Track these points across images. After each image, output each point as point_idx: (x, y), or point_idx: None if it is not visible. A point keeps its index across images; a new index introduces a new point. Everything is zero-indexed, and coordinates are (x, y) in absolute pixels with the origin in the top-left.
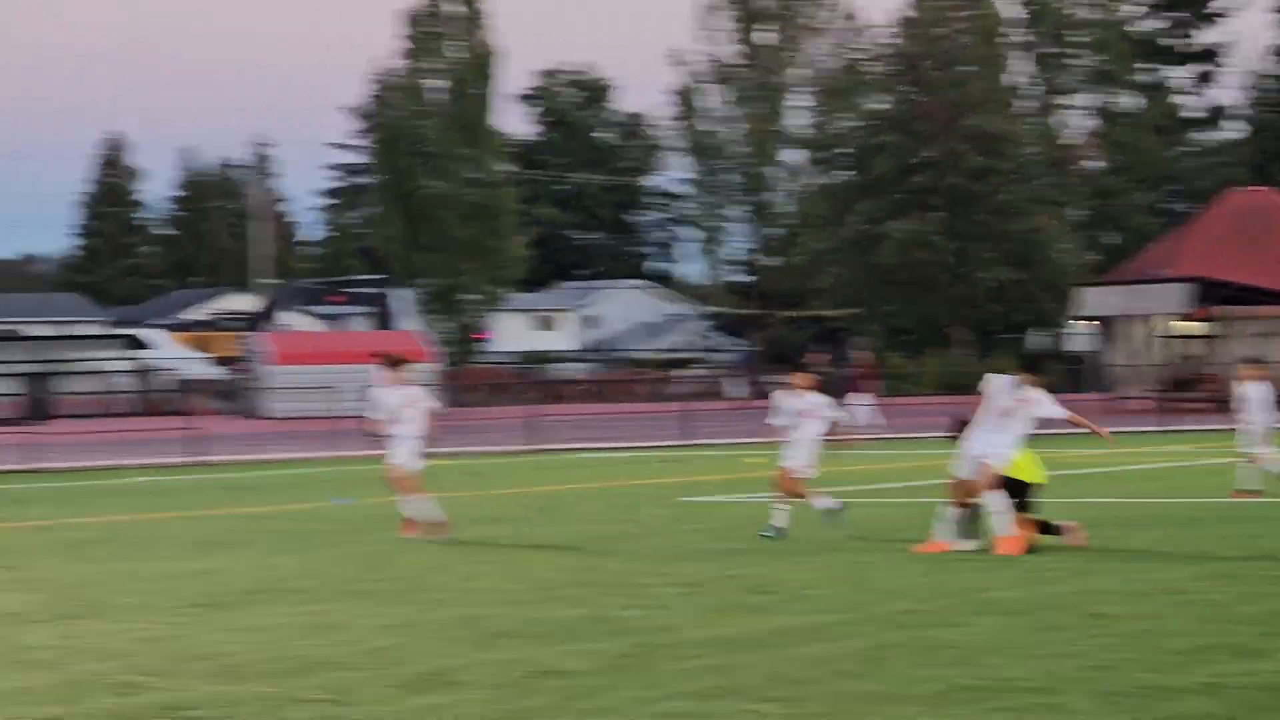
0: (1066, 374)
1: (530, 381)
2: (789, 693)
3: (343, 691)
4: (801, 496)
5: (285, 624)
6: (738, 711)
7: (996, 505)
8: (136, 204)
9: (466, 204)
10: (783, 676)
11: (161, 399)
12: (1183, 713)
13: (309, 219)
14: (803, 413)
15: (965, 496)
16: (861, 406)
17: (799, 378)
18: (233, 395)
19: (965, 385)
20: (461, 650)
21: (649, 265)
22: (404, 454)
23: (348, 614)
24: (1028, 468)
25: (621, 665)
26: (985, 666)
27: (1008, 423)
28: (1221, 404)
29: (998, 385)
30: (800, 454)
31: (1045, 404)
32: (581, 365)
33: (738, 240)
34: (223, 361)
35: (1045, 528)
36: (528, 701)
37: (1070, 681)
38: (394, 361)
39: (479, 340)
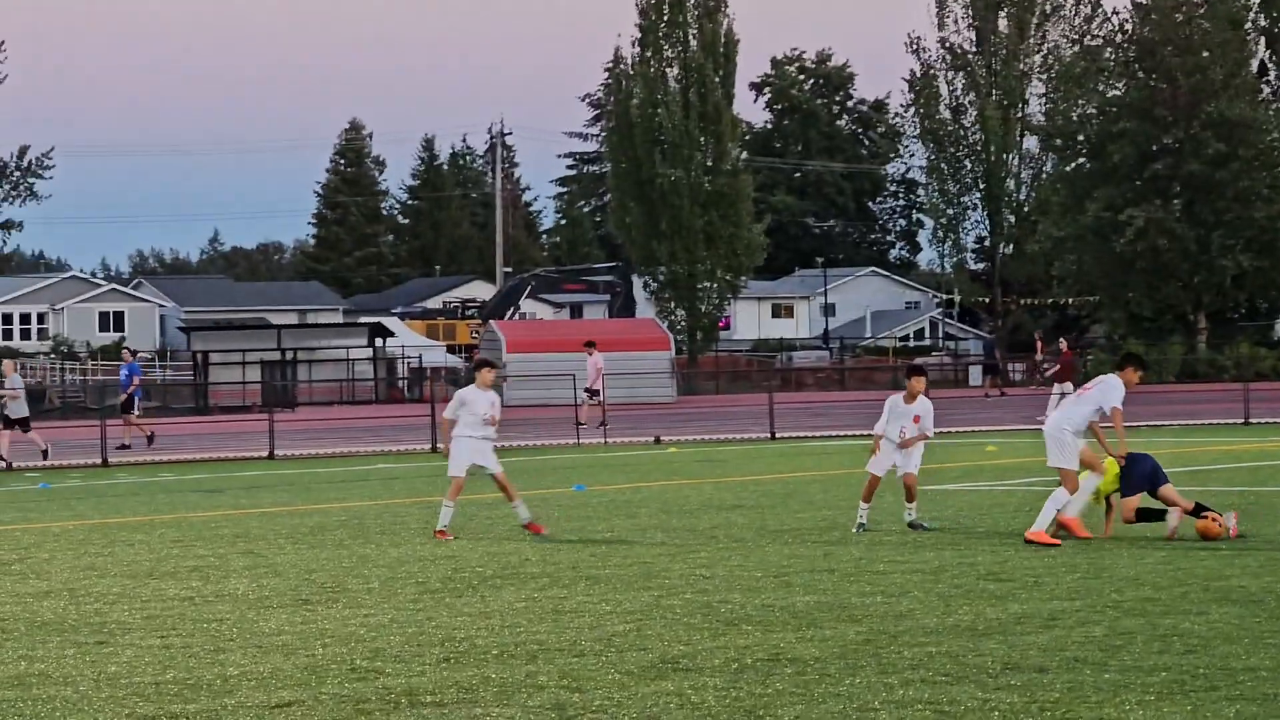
0: None
1: (768, 369)
2: (1025, 680)
3: (579, 677)
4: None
5: (522, 609)
6: (974, 698)
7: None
8: (377, 192)
9: (704, 192)
10: (1019, 664)
11: (401, 387)
12: None
13: (547, 207)
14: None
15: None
16: (1057, 396)
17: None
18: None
19: (1205, 374)
20: (698, 637)
21: (887, 253)
22: None
23: (585, 599)
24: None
25: (858, 652)
26: (1222, 656)
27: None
28: None
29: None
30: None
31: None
32: (819, 352)
33: (975, 228)
34: (461, 350)
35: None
36: (764, 688)
37: None
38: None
39: (717, 328)
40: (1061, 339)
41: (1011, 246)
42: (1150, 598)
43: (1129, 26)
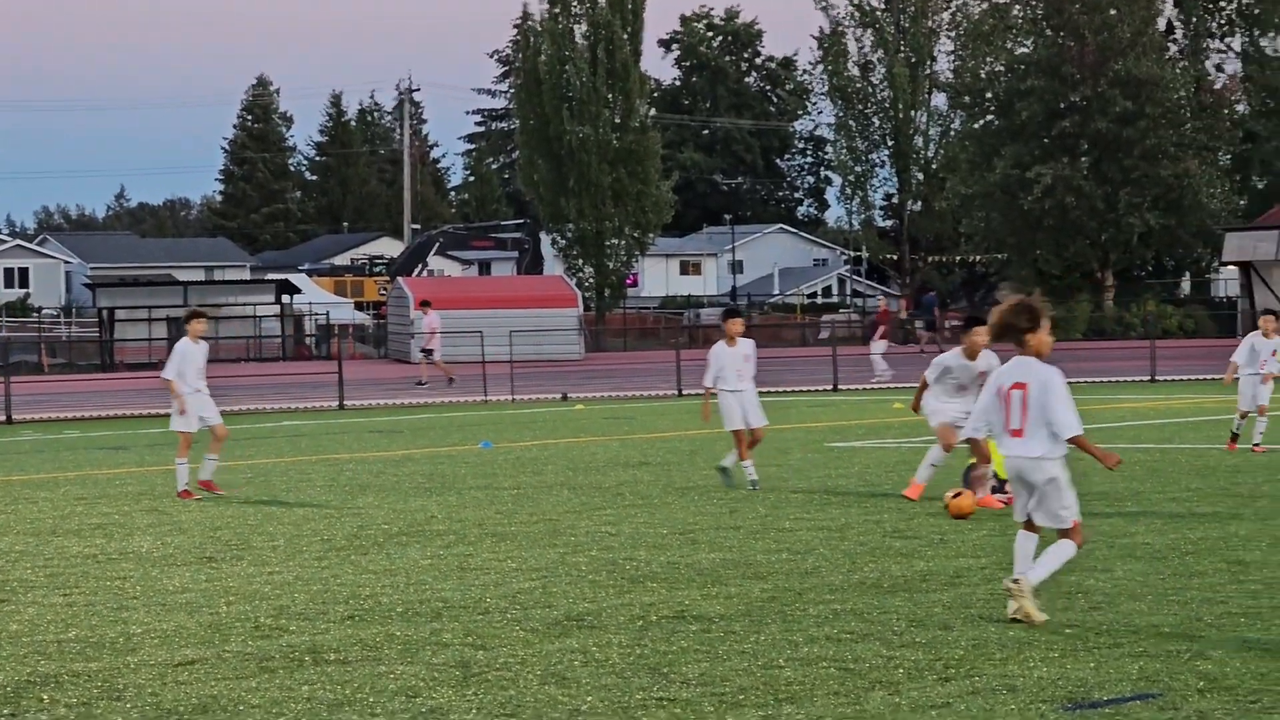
0: (1214, 320)
1: (676, 326)
2: (930, 637)
3: (484, 635)
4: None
5: (428, 566)
6: (879, 655)
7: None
8: (284, 149)
9: (612, 149)
10: (924, 621)
11: (309, 344)
12: None
13: (455, 164)
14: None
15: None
16: (879, 355)
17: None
18: (378, 340)
19: (1112, 332)
20: (603, 594)
21: (795, 210)
22: None
23: (490, 557)
24: None
25: (764, 609)
26: (1125, 612)
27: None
28: None
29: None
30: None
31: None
32: None
33: (884, 185)
34: (369, 307)
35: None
36: (669, 645)
37: (1211, 628)
38: None
39: (625, 285)
40: (881, 298)
41: (919, 204)
42: None
43: None
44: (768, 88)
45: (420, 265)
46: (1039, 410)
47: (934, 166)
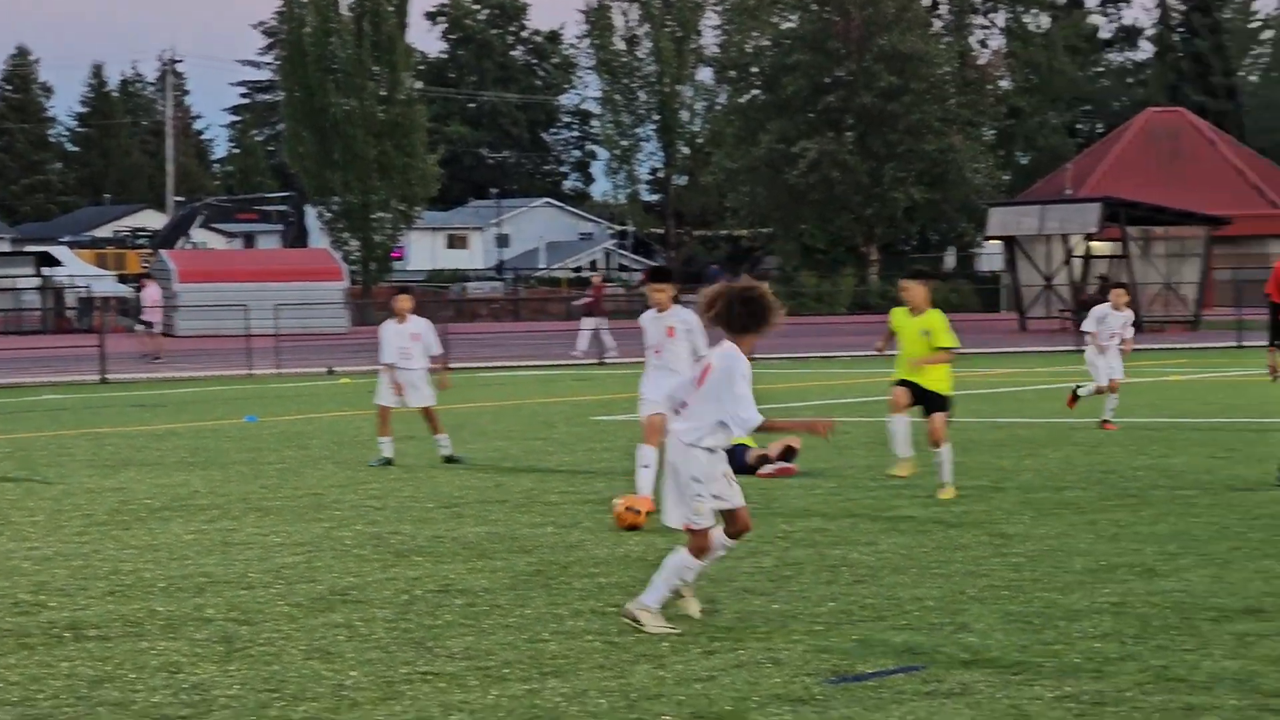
0: (979, 294)
1: (442, 299)
2: (695, 609)
3: (247, 610)
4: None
5: (191, 541)
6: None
7: None
8: (44, 119)
9: (377, 122)
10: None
11: (70, 317)
12: (1086, 632)
13: (220, 136)
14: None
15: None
16: (588, 331)
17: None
18: (140, 313)
19: (877, 306)
20: (368, 568)
21: (561, 184)
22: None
23: (254, 532)
24: None
25: (528, 582)
26: (889, 585)
27: None
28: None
29: None
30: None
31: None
32: (493, 283)
33: (650, 159)
34: (132, 279)
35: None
36: (434, 619)
37: (974, 601)
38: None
39: (391, 258)
40: (594, 274)
41: (685, 178)
42: (820, 528)
43: None
44: (534, 61)
45: (183, 237)
46: (710, 392)
47: (700, 141)
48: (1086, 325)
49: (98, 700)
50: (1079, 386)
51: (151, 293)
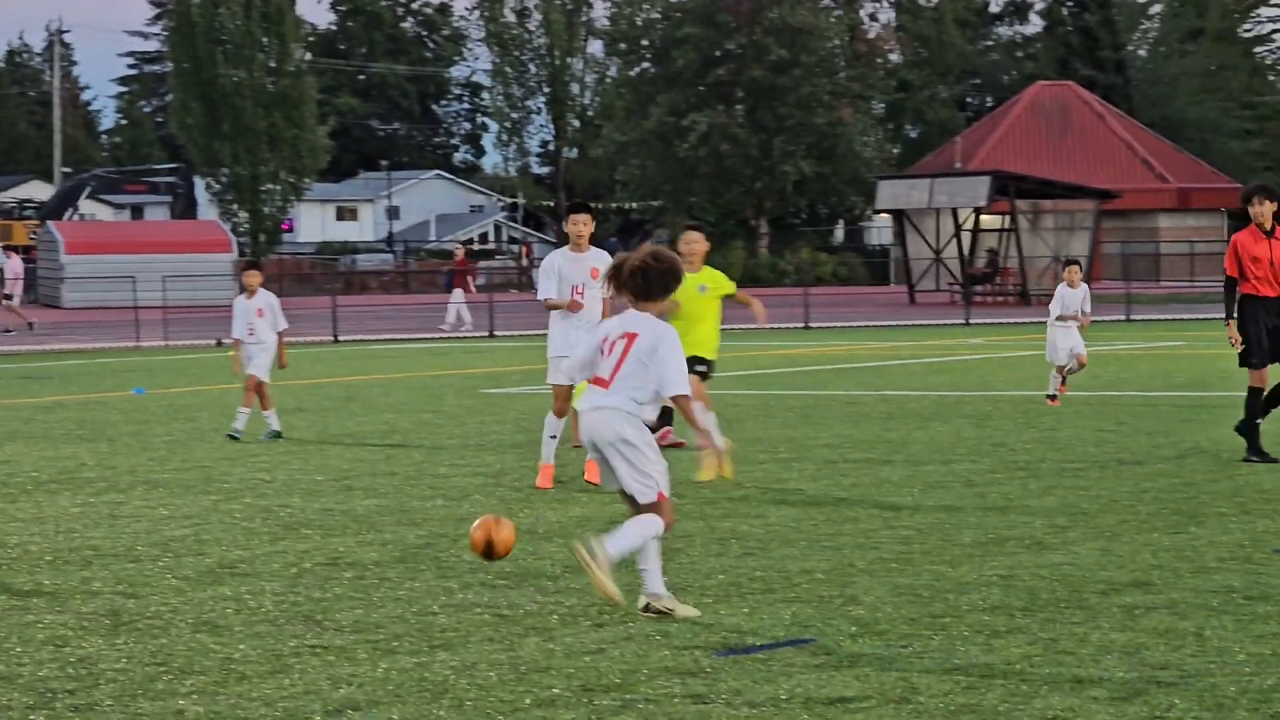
0: (868, 267)
1: (332, 272)
2: (584, 583)
3: (135, 583)
4: None
5: (78, 514)
6: (534, 601)
7: None
8: None
9: (266, 93)
10: (578, 567)
11: None
12: (975, 605)
13: (107, 107)
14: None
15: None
16: (459, 304)
17: None
18: (27, 285)
19: (766, 279)
20: (257, 541)
21: (451, 156)
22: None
23: (142, 504)
24: None
25: (419, 556)
26: (779, 558)
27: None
28: (1020, 297)
29: None
30: None
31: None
32: (384, 256)
33: (540, 132)
34: (18, 251)
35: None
36: (323, 592)
37: (863, 574)
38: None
39: (280, 230)
40: (458, 246)
41: (576, 151)
42: (710, 499)
43: None
44: (424, 33)
45: (71, 209)
46: (637, 363)
47: (590, 114)
48: (1053, 308)
49: None
50: (1051, 386)
51: (13, 265)
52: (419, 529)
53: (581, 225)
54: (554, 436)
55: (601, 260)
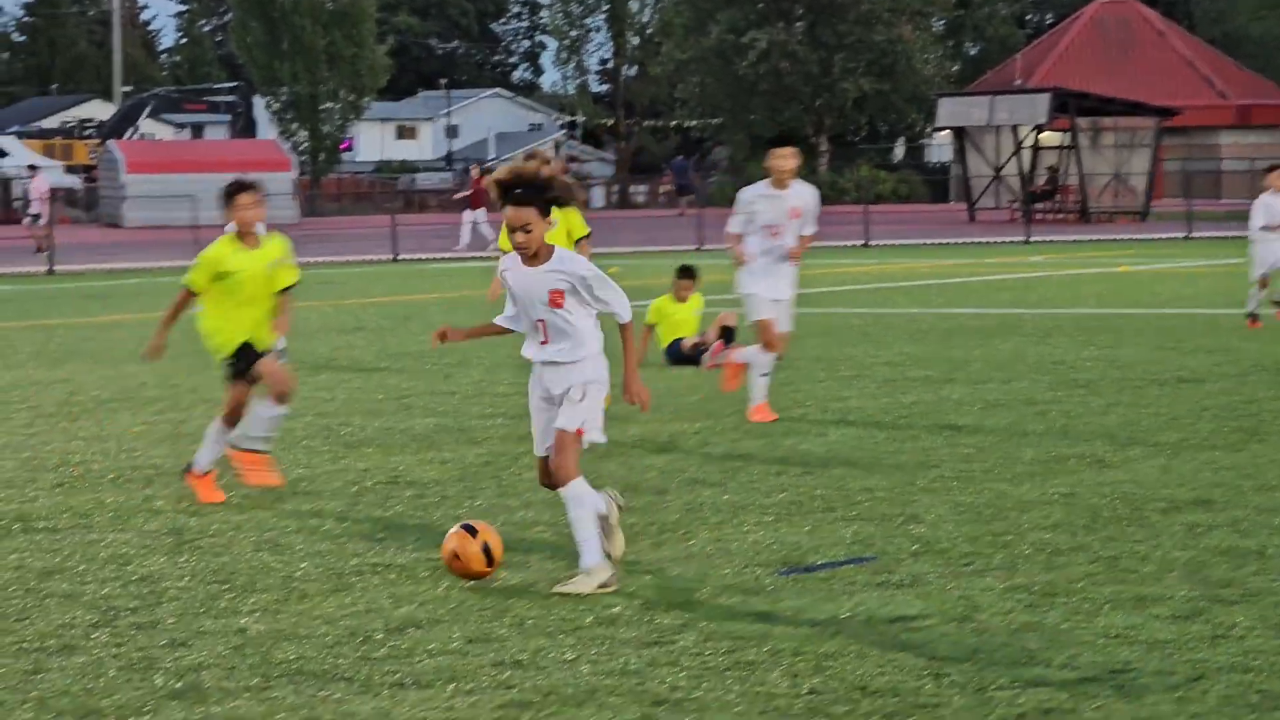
0: (928, 185)
1: (391, 190)
2: (645, 502)
3: (196, 502)
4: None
5: (140, 433)
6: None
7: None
8: None
9: (325, 11)
10: (638, 485)
11: (17, 208)
12: (1036, 523)
13: (168, 26)
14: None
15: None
16: (480, 224)
17: None
18: (89, 204)
19: (826, 197)
20: (319, 460)
21: (510, 74)
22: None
23: (203, 423)
24: None
25: (479, 474)
26: (839, 477)
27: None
28: (1080, 214)
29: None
30: None
31: None
32: (443, 174)
33: (599, 50)
34: (79, 170)
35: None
36: (384, 510)
37: (924, 492)
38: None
39: (340, 149)
40: (474, 165)
41: (635, 69)
42: (763, 426)
43: None
44: None
45: (131, 128)
46: (578, 303)
47: (649, 31)
48: (1255, 217)
49: (46, 592)
50: (1251, 304)
51: (39, 184)
52: (479, 448)
53: (786, 159)
54: (765, 375)
55: (804, 199)
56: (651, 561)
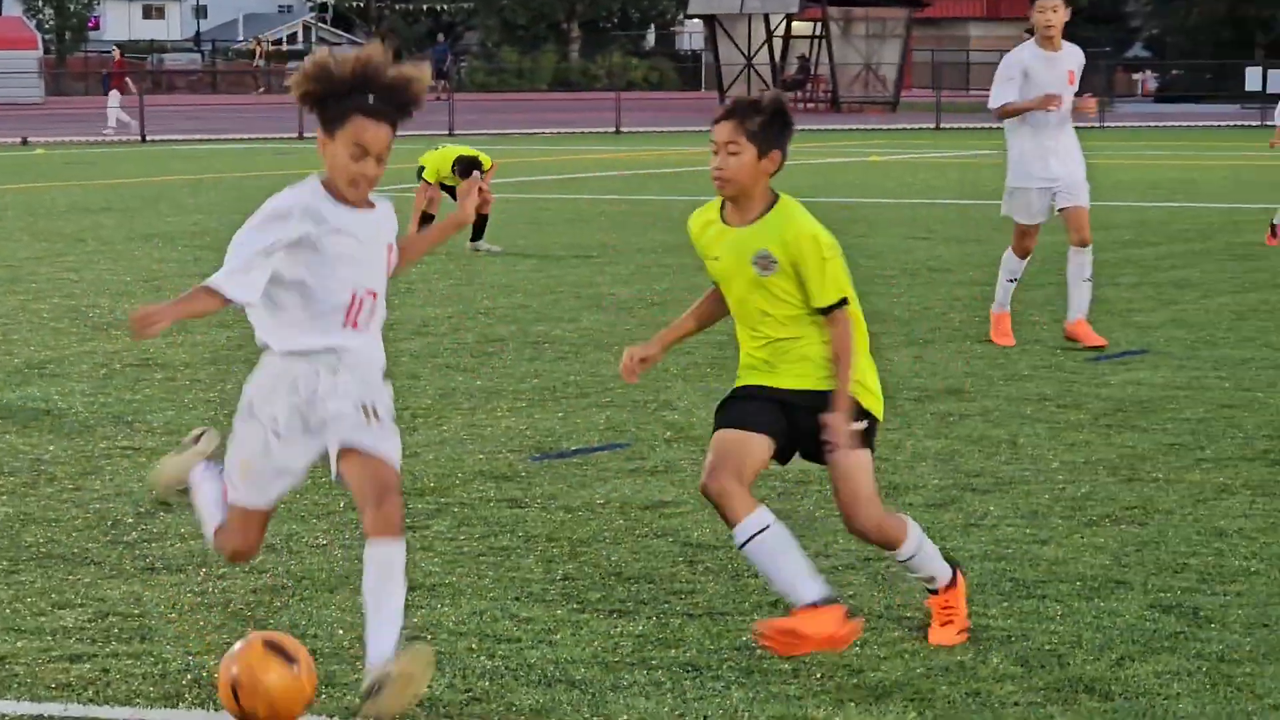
0: (679, 73)
1: (139, 70)
2: (398, 385)
3: None
4: None
5: None
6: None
7: None
8: None
9: None
10: (391, 371)
11: None
12: None
13: None
14: None
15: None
16: (115, 109)
17: None
18: None
19: (578, 84)
20: (65, 341)
21: None
22: None
23: None
24: None
25: (230, 358)
26: (592, 362)
27: None
28: (832, 104)
29: None
30: None
31: None
32: (191, 55)
33: None
34: None
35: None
36: (134, 393)
37: (677, 379)
38: None
39: (87, 28)
40: (115, 47)
41: None
42: (522, 304)
43: None
44: None
45: None
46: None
47: None
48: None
49: None
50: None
51: None
52: (230, 330)
53: (1052, 13)
54: (1013, 280)
55: (1078, 61)
56: (405, 446)
